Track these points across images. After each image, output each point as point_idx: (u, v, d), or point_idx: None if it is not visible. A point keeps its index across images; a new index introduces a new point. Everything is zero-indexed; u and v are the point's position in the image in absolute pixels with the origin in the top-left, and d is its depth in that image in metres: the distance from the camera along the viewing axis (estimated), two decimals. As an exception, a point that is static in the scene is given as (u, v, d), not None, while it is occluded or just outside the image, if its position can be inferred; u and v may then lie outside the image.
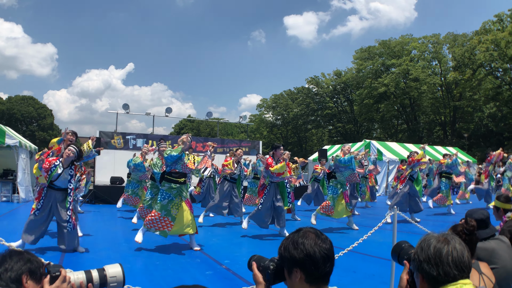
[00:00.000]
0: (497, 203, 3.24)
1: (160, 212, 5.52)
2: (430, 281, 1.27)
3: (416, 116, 35.93)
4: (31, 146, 13.28)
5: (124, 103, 16.99)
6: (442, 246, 1.28)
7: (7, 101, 43.80)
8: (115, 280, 1.54)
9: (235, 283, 4.07)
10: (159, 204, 5.57)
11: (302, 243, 1.28)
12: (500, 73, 30.32)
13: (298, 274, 1.28)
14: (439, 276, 1.25)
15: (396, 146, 19.59)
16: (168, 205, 5.54)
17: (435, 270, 1.25)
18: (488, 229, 2.37)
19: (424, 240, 1.33)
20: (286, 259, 1.32)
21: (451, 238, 1.31)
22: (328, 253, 1.28)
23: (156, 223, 5.50)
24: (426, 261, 1.27)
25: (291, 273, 1.30)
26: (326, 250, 1.28)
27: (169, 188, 5.59)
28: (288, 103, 43.70)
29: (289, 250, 1.30)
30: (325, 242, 1.30)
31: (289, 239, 1.33)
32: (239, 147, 17.22)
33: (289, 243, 1.32)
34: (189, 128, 49.51)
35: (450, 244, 1.28)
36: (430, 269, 1.26)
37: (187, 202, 5.69)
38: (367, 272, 4.52)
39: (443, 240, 1.30)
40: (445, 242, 1.29)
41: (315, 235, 1.31)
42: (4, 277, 1.29)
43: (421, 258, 1.29)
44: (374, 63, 35.45)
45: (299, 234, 1.32)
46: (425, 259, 1.28)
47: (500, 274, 2.13)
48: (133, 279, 3.80)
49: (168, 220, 5.51)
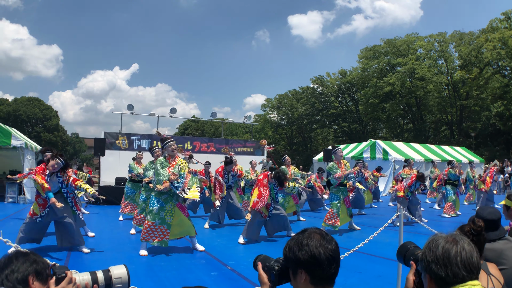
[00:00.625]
0: (507, 202, 3.17)
1: (154, 221, 5.30)
2: (438, 282, 1.25)
3: (422, 115, 35.68)
4: (36, 147, 13.38)
5: (129, 104, 17.06)
6: (451, 246, 1.25)
7: (13, 102, 44.21)
8: (120, 281, 1.54)
9: (240, 284, 4.06)
10: (151, 212, 5.37)
11: (307, 244, 1.27)
12: (508, 72, 30.04)
13: (303, 276, 1.26)
14: (447, 277, 1.23)
15: (402, 145, 19.46)
16: (161, 213, 5.34)
17: (444, 270, 1.23)
18: (498, 231, 2.33)
19: (432, 240, 1.31)
20: (290, 260, 1.31)
21: (460, 238, 1.28)
22: (333, 255, 1.26)
23: (152, 234, 5.29)
24: (435, 262, 1.25)
25: (296, 274, 1.29)
26: (331, 251, 1.26)
27: (159, 192, 5.37)
28: (293, 103, 43.63)
29: (293, 251, 1.29)
30: (330, 243, 1.28)
31: (294, 240, 1.32)
32: (244, 146, 17.15)
33: (294, 244, 1.30)
34: (194, 128, 49.61)
35: (458, 245, 1.26)
36: (438, 269, 1.24)
37: (179, 206, 5.53)
38: (374, 273, 4.49)
39: (451, 241, 1.27)
40: (453, 243, 1.26)
41: (320, 236, 1.29)
42: (11, 278, 1.30)
43: (429, 259, 1.27)
44: (380, 62, 35.25)
45: (304, 235, 1.31)
46: (433, 259, 1.26)
47: (509, 275, 2.10)
48: (138, 280, 3.82)
49: (164, 228, 5.33)
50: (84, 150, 57.22)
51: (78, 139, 59.30)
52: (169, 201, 5.42)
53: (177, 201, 5.52)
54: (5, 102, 43.97)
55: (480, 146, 31.13)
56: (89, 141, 51.15)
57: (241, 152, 17.10)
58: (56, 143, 43.16)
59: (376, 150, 17.33)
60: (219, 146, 16.99)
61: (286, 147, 44.87)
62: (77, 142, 57.71)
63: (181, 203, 5.62)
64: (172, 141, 5.54)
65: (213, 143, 17.52)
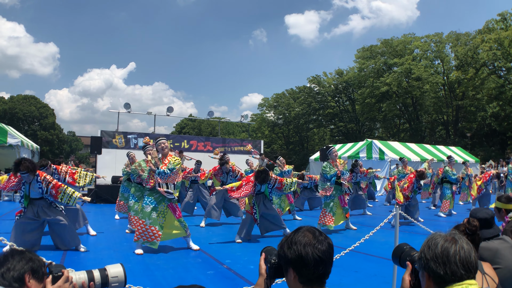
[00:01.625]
0: (498, 204, 3.19)
1: (144, 220, 5.26)
2: (437, 280, 1.26)
3: (418, 115, 35.81)
4: (33, 145, 13.32)
5: (126, 102, 17.01)
6: (450, 245, 1.26)
7: (9, 100, 43.92)
8: (116, 280, 1.54)
9: (237, 283, 4.06)
10: (142, 211, 5.33)
11: (296, 243, 1.26)
12: (504, 72, 30.19)
13: (292, 274, 1.26)
14: (446, 275, 1.23)
15: (398, 145, 19.53)
16: (152, 213, 5.29)
17: (442, 269, 1.24)
18: (492, 229, 2.35)
19: (431, 238, 1.32)
20: (281, 258, 1.31)
21: (459, 237, 1.29)
22: (322, 256, 1.24)
23: (143, 234, 5.25)
24: (433, 260, 1.26)
25: (286, 271, 1.30)
26: (321, 252, 1.24)
27: (151, 192, 5.37)
28: (289, 102, 43.65)
29: (284, 249, 1.29)
30: (322, 243, 1.26)
31: (286, 238, 1.32)
32: (240, 145, 17.13)
33: (285, 242, 1.31)
34: (191, 127, 49.53)
35: (457, 244, 1.27)
36: (437, 267, 1.25)
37: (170, 206, 5.48)
38: (369, 272, 4.51)
39: (450, 240, 1.28)
40: (452, 241, 1.27)
41: (313, 235, 1.28)
42: (7, 276, 1.29)
43: (428, 257, 1.28)
44: (376, 62, 35.33)
45: (297, 234, 1.30)
46: (432, 257, 1.26)
47: (504, 275, 2.11)
48: (134, 279, 3.81)
49: (156, 229, 5.28)
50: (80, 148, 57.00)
51: (75, 137, 59.05)
52: (161, 201, 5.39)
53: (169, 202, 5.45)
54: (1, 100, 43.66)
55: (475, 146, 31.29)
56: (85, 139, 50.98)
57: (238, 151, 17.10)
58: (52, 141, 42.97)
59: (372, 150, 17.38)
60: (215, 145, 16.97)
61: (282, 146, 44.91)
62: (73, 140, 57.46)
63: (173, 203, 5.51)
64: (162, 139, 5.54)
65: (209, 142, 17.51)
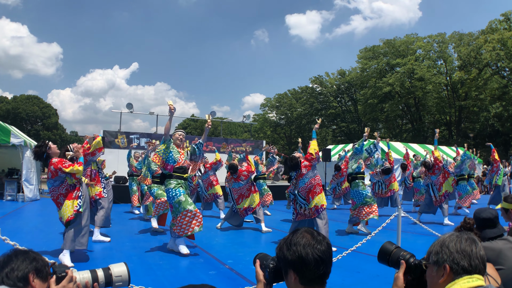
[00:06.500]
0: (505, 205, 3.18)
1: (187, 208, 5.19)
2: (459, 271, 1.31)
3: (421, 116, 35.70)
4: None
5: (128, 102, 17.04)
6: (471, 242, 1.36)
7: (12, 100, 44.12)
8: (120, 280, 1.55)
9: (238, 283, 4.06)
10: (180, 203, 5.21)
11: (295, 244, 1.26)
12: (507, 73, 30.07)
13: (293, 275, 1.26)
14: (470, 267, 1.31)
15: (400, 146, 19.48)
16: (188, 199, 5.29)
17: (467, 261, 1.31)
18: (496, 229, 2.34)
19: (452, 234, 1.40)
20: (281, 260, 1.31)
21: (474, 238, 1.40)
22: (322, 256, 1.24)
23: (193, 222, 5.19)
24: (459, 253, 1.33)
25: (286, 273, 1.29)
26: (321, 252, 1.24)
27: (177, 184, 5.33)
28: (292, 102, 43.61)
29: (283, 251, 1.29)
30: (321, 243, 1.26)
31: (285, 240, 1.32)
32: (242, 145, 17.22)
33: (283, 244, 1.31)
34: (193, 127, 49.58)
35: (476, 242, 1.37)
36: (461, 259, 1.32)
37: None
38: (371, 273, 4.50)
39: (469, 238, 1.38)
40: (472, 240, 1.37)
41: (311, 236, 1.28)
42: (11, 276, 1.30)
43: (452, 250, 1.35)
44: (379, 63, 35.25)
45: (295, 235, 1.30)
46: (458, 250, 1.34)
47: (507, 276, 2.09)
48: (136, 279, 3.82)
49: (198, 212, 5.29)
50: (82, 148, 57.09)
51: (77, 137, 59.23)
52: (186, 189, 5.43)
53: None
54: (5, 100, 43.89)
55: (478, 147, 31.16)
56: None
57: (240, 152, 17.09)
58: (55, 141, 43.04)
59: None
60: (218, 145, 16.98)
61: (284, 146, 44.88)
62: (76, 140, 57.64)
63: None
64: (179, 130, 5.77)
65: (212, 142, 17.52)
